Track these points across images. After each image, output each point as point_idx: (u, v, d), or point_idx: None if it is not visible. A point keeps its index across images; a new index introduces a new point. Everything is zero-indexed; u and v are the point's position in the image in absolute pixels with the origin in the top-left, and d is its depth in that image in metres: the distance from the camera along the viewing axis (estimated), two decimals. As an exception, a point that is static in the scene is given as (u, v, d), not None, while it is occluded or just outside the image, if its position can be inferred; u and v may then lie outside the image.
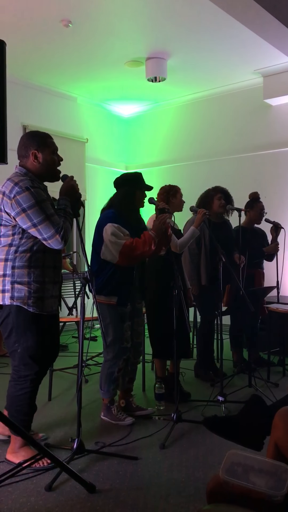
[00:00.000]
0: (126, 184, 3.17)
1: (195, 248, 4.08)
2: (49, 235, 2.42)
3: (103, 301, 3.07)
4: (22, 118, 6.18)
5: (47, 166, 2.58)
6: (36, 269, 2.50)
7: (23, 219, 2.42)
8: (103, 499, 2.25)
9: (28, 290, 2.48)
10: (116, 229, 3.02)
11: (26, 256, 2.48)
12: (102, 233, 3.05)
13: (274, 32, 4.60)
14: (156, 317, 3.56)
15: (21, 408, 2.55)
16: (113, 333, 3.08)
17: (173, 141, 7.34)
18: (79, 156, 6.92)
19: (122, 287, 3.09)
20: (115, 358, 3.11)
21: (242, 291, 3.47)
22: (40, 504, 2.20)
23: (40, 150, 2.57)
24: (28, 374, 2.53)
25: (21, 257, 2.48)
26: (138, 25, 4.82)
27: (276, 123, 6.26)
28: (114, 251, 3.00)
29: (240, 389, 3.79)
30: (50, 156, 2.59)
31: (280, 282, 4.56)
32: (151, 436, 2.97)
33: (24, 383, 2.54)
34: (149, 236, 3.03)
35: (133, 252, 2.99)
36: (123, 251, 2.98)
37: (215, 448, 2.80)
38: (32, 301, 2.48)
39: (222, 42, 5.20)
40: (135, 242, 3.00)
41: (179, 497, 2.26)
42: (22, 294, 2.47)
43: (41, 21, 4.71)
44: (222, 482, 1.34)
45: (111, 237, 3.00)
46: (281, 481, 1.29)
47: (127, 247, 2.98)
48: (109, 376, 3.13)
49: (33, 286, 2.49)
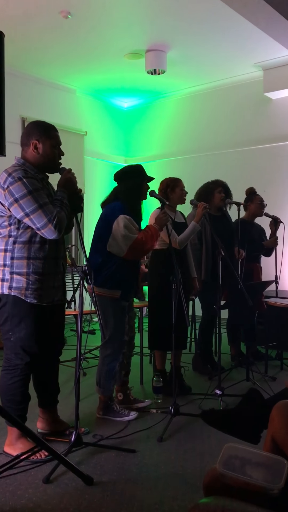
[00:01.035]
0: (132, 176, 3.14)
1: (197, 243, 4.08)
2: (42, 224, 2.41)
3: (105, 294, 3.04)
4: (20, 110, 6.15)
5: (45, 158, 2.57)
6: (36, 260, 2.50)
7: (16, 209, 2.42)
8: (100, 491, 2.25)
9: (26, 281, 2.48)
10: (129, 221, 2.99)
11: (25, 247, 2.48)
12: (112, 225, 2.99)
13: (274, 25, 4.57)
14: (157, 309, 3.57)
15: (13, 397, 2.55)
16: (115, 326, 3.07)
17: (172, 134, 7.31)
18: (78, 149, 6.89)
19: (127, 281, 3.08)
20: (115, 353, 3.10)
21: (241, 285, 3.47)
22: (38, 496, 2.21)
23: (41, 140, 2.55)
24: (19, 363, 2.54)
25: (19, 248, 2.48)
26: (137, 17, 4.79)
27: (276, 117, 6.23)
28: (123, 244, 2.97)
29: (238, 383, 3.80)
30: (50, 148, 2.57)
31: (278, 276, 4.57)
32: (149, 429, 2.98)
33: (15, 371, 2.54)
34: (155, 229, 3.02)
35: (144, 247, 2.99)
36: (134, 245, 2.96)
37: (212, 441, 2.81)
38: (30, 292, 2.49)
39: (222, 35, 5.17)
40: (144, 237, 2.99)
41: (176, 489, 2.28)
42: (20, 285, 2.48)
43: (40, 12, 4.67)
44: (219, 475, 1.34)
45: (123, 230, 2.95)
46: (278, 474, 1.30)
47: (138, 242, 2.96)
48: (109, 372, 3.12)
49: (32, 277, 2.49)
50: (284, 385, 1.76)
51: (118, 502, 2.17)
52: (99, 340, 3.27)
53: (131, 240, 2.95)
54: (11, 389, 2.54)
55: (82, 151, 6.96)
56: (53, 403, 2.85)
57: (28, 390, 2.62)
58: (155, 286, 3.62)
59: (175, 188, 3.66)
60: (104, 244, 3.04)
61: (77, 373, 2.58)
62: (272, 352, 4.67)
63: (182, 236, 3.56)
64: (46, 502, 2.17)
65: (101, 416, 3.18)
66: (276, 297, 4.49)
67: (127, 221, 2.98)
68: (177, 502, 2.17)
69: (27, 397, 2.62)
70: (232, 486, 1.33)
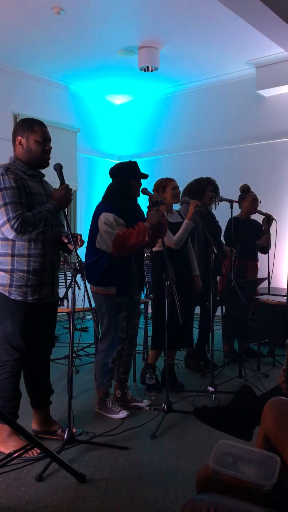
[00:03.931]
0: (121, 173, 3.15)
1: (188, 240, 4.07)
2: (2, 221, 2.41)
3: (101, 292, 3.07)
4: (12, 107, 6.10)
5: (30, 153, 2.56)
6: (20, 257, 2.49)
7: None
8: (93, 489, 2.25)
9: (10, 278, 2.48)
10: (111, 218, 3.00)
11: (9, 244, 2.48)
12: (98, 222, 3.05)
13: (267, 23, 4.57)
14: (156, 309, 3.61)
15: (4, 394, 2.54)
16: (108, 323, 3.08)
17: (165, 132, 7.30)
18: (70, 146, 6.85)
19: (121, 277, 3.08)
20: (109, 349, 3.11)
21: (233, 283, 3.48)
22: (30, 494, 2.20)
23: (25, 136, 2.55)
24: (8, 359, 2.54)
25: (3, 245, 2.49)
26: (130, 14, 4.77)
27: (268, 114, 6.24)
28: (108, 240, 3.00)
29: (231, 380, 3.81)
30: (34, 143, 2.55)
31: (271, 273, 4.58)
32: (142, 426, 2.98)
33: (4, 368, 2.54)
34: (143, 226, 3.02)
35: (126, 242, 2.98)
36: (116, 241, 2.98)
37: (205, 438, 2.81)
38: (14, 289, 2.49)
39: (215, 32, 5.16)
40: (128, 232, 3.00)
41: (169, 486, 2.28)
42: (4, 281, 2.49)
43: (32, 8, 4.63)
44: (212, 472, 1.35)
45: (104, 226, 3.00)
46: (271, 471, 1.30)
47: (120, 237, 2.98)
48: (103, 367, 3.13)
49: (16, 274, 2.49)
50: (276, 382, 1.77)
51: (111, 499, 2.17)
52: (91, 337, 3.26)
53: (113, 236, 2.98)
54: (1, 386, 2.54)
55: (74, 148, 6.94)
56: (45, 404, 2.84)
57: (19, 388, 2.61)
58: (155, 286, 3.67)
59: (166, 188, 3.67)
60: (95, 242, 3.06)
61: (70, 371, 2.58)
62: (264, 349, 4.69)
63: (177, 236, 3.57)
64: (39, 500, 2.16)
65: (98, 410, 3.21)
66: (268, 294, 4.50)
67: (109, 218, 3.01)
68: (170, 499, 2.17)
69: (18, 395, 2.61)
70: (225, 483, 1.34)
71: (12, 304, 2.50)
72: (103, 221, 3.01)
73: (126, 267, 3.11)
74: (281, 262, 5.56)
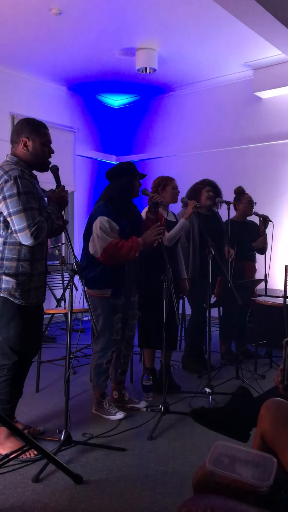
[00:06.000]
0: (122, 174, 3.13)
1: (184, 241, 4.08)
2: (21, 227, 2.40)
3: (96, 294, 3.07)
4: (10, 107, 6.09)
5: (35, 156, 2.56)
6: (25, 262, 2.50)
7: (2, 207, 2.42)
8: (90, 490, 2.25)
9: (16, 283, 2.47)
10: (106, 223, 2.98)
11: (16, 248, 2.48)
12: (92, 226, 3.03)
13: (265, 25, 4.58)
14: (147, 308, 3.57)
15: (1, 397, 2.54)
16: (103, 324, 3.08)
17: (162, 133, 7.30)
18: (68, 147, 6.84)
19: (116, 280, 3.07)
20: (103, 350, 3.10)
21: (231, 284, 3.48)
22: (27, 495, 2.20)
23: (31, 138, 2.54)
24: (6, 363, 2.53)
25: (10, 250, 2.47)
26: (128, 16, 4.77)
27: (266, 116, 6.25)
28: (98, 246, 2.98)
29: (227, 381, 3.81)
30: (40, 146, 2.56)
31: (267, 275, 4.58)
32: (139, 427, 2.98)
33: (1, 371, 2.54)
34: (137, 243, 3.01)
35: (116, 253, 2.97)
36: (107, 249, 2.96)
37: (202, 439, 2.82)
38: (19, 293, 2.48)
39: (213, 34, 5.17)
40: (121, 244, 2.98)
41: (166, 487, 2.28)
42: (10, 286, 2.47)
43: (30, 9, 4.63)
44: (209, 473, 1.35)
45: (99, 231, 2.97)
46: (267, 472, 1.30)
47: (112, 246, 2.96)
48: (97, 368, 3.13)
49: (21, 278, 2.49)
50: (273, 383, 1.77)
51: (108, 500, 2.17)
52: (89, 338, 3.26)
53: (105, 242, 2.96)
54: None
55: (72, 149, 6.93)
56: None
57: (16, 390, 2.61)
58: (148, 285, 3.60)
59: (166, 186, 3.66)
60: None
61: (67, 372, 2.57)
62: (261, 351, 4.69)
63: (171, 233, 3.57)
64: (36, 501, 2.16)
65: (95, 411, 3.21)
66: (265, 296, 4.51)
67: (105, 223, 2.98)
68: (167, 500, 2.17)
69: (15, 396, 2.61)
70: (221, 484, 1.34)
71: (16, 308, 2.49)
72: (98, 225, 2.98)
73: (120, 268, 3.11)
74: (278, 263, 5.57)
